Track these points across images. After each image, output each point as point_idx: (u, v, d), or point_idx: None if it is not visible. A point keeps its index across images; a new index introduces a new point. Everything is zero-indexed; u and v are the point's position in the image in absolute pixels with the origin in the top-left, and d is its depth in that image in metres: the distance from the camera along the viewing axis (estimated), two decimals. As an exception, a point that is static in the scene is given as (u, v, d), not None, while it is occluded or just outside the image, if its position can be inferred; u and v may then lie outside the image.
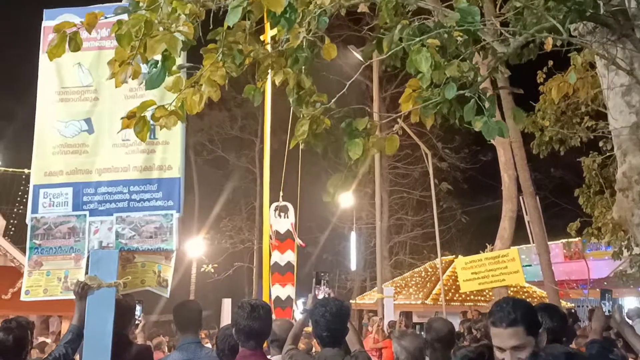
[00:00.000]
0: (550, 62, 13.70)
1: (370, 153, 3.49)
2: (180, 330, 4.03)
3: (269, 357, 3.56)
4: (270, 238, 7.44)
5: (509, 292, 13.36)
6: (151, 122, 4.17)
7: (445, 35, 3.22)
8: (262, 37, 5.03)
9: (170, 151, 4.21)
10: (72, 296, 3.86)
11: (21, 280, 13.33)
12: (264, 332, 3.31)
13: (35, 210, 4.17)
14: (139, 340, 4.63)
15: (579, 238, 24.32)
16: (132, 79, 2.94)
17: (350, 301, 22.60)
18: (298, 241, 7.42)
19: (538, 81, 13.90)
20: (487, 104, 3.23)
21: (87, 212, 4.13)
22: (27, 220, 4.14)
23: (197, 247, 29.93)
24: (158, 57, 3.01)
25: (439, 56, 3.17)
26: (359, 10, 3.83)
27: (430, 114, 3.49)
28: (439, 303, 20.46)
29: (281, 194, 7.73)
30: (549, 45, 3.76)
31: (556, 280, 13.59)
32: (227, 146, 32.33)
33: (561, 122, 13.57)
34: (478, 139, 28.33)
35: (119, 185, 4.15)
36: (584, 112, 13.50)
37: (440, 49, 3.20)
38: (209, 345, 4.96)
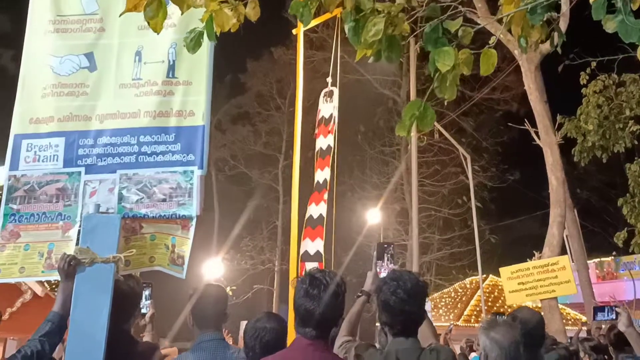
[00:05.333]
0: (594, 64, 12.95)
1: (460, 71, 2.53)
2: (197, 325, 3.05)
3: None
4: (316, 126, 7.34)
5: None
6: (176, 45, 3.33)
7: None
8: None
9: (192, 93, 3.29)
10: (57, 276, 2.90)
11: (22, 298, 12.28)
12: (328, 317, 2.35)
13: (14, 166, 3.24)
14: (146, 337, 3.63)
15: (612, 257, 23.40)
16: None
17: (377, 324, 21.49)
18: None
19: (581, 82, 13.06)
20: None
21: (82, 169, 3.20)
22: (3, 180, 3.20)
23: (216, 268, 29.11)
24: None
25: None
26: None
27: (538, 21, 2.55)
28: (470, 325, 19.33)
29: (329, 80, 7.38)
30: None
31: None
32: (250, 162, 31.69)
33: (604, 127, 12.72)
34: (505, 157, 27.73)
35: (126, 135, 3.23)
36: (628, 117, 12.65)
37: None
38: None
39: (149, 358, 3.03)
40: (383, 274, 3.04)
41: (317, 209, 6.77)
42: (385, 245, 3.34)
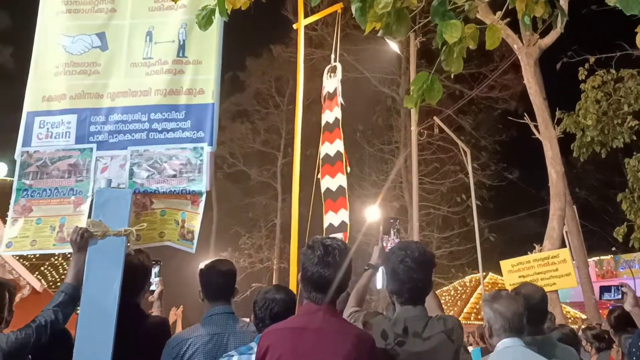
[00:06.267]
0: (592, 59, 13.02)
1: (466, 44, 2.57)
2: (207, 298, 3.09)
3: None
4: (323, 100, 7.65)
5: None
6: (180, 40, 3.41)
7: None
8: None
9: (202, 72, 3.36)
10: (68, 249, 2.95)
11: (20, 293, 12.28)
12: (340, 282, 2.39)
13: (27, 143, 3.30)
14: (155, 312, 3.67)
15: (611, 256, 23.43)
16: None
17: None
18: (341, 100, 7.50)
19: (580, 78, 13.13)
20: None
21: (93, 145, 3.25)
22: (16, 156, 3.27)
23: (214, 267, 28.97)
24: None
25: None
26: None
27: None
28: (470, 322, 19.34)
29: (333, 56, 7.70)
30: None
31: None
32: (249, 160, 31.63)
33: (602, 122, 12.79)
34: (504, 156, 27.78)
35: (137, 112, 3.29)
36: (626, 112, 12.71)
37: None
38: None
39: (159, 331, 3.07)
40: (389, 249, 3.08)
41: (333, 182, 6.81)
42: (392, 220, 3.38)
